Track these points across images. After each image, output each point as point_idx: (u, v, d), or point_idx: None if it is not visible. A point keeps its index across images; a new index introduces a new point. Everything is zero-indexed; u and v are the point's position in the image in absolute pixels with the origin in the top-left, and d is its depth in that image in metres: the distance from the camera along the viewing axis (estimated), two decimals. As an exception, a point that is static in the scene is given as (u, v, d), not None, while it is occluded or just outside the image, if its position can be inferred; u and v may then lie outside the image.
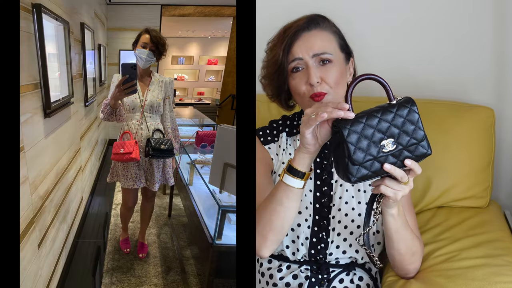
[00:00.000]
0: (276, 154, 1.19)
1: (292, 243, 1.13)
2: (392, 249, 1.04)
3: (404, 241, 1.02)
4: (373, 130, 0.84)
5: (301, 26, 1.04)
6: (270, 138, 1.20)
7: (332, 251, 1.12)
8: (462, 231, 1.25)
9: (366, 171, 0.85)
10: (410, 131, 0.84)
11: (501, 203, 1.50)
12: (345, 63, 1.08)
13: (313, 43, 1.03)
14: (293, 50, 1.03)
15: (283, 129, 1.21)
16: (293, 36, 1.03)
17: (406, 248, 1.04)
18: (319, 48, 1.02)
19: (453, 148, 1.37)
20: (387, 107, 0.85)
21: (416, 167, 0.86)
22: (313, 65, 1.02)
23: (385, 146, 0.84)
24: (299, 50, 1.03)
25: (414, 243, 1.05)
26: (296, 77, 1.05)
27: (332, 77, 1.02)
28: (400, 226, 0.99)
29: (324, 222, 1.12)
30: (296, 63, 1.03)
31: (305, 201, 1.13)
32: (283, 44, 1.04)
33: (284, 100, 1.14)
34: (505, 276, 1.00)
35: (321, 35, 1.04)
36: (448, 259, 1.11)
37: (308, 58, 1.02)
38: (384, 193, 0.88)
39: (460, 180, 1.37)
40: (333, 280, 1.14)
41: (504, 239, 1.19)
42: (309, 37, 1.03)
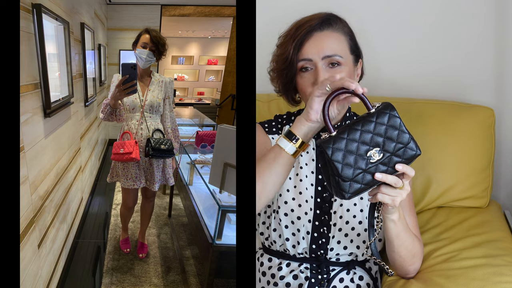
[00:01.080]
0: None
1: (293, 236, 1.14)
2: (393, 252, 1.04)
3: (405, 244, 1.02)
4: (356, 144, 0.84)
5: (313, 26, 1.03)
6: (274, 130, 1.21)
7: (333, 246, 1.13)
8: (462, 231, 1.25)
9: (359, 185, 0.85)
10: (394, 137, 0.84)
11: (501, 203, 1.50)
12: (353, 65, 1.08)
13: (324, 45, 1.02)
14: (303, 50, 1.03)
15: (287, 123, 1.21)
16: (305, 35, 1.03)
17: (406, 251, 1.04)
18: (330, 50, 1.02)
19: (453, 148, 1.37)
20: (367, 117, 0.85)
21: (408, 170, 0.85)
22: (322, 67, 1.02)
23: (372, 157, 0.84)
24: (310, 50, 1.02)
25: (414, 245, 1.05)
26: (304, 76, 1.05)
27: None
28: (401, 231, 1.00)
29: (325, 217, 1.13)
30: (306, 63, 1.03)
31: (305, 195, 1.14)
32: (294, 42, 1.03)
33: (291, 96, 1.15)
34: (505, 276, 1.00)
35: (333, 36, 1.04)
36: (448, 259, 1.11)
37: (318, 60, 1.02)
38: (382, 201, 0.88)
39: (460, 180, 1.38)
40: (333, 280, 1.14)
41: (504, 239, 1.19)
42: (321, 38, 1.03)
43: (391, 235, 1.00)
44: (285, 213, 1.14)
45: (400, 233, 1.00)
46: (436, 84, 1.56)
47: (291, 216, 1.13)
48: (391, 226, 0.98)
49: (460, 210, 1.37)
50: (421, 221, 1.33)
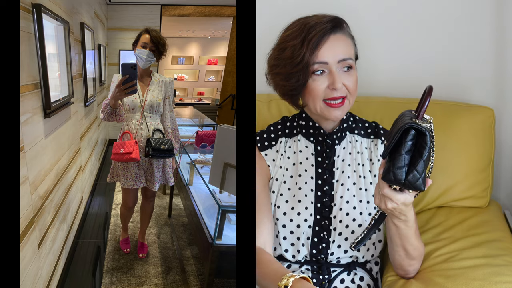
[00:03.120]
0: (273, 159, 1.18)
1: (292, 246, 1.14)
2: (394, 251, 1.05)
3: (411, 244, 1.03)
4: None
5: (327, 29, 1.02)
6: (267, 144, 1.19)
7: (333, 250, 1.12)
8: (462, 231, 1.25)
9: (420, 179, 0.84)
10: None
11: (501, 203, 1.50)
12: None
13: (339, 48, 1.03)
14: (319, 53, 1.02)
15: (282, 133, 1.20)
16: (321, 38, 1.01)
17: (411, 249, 1.04)
18: (344, 53, 1.02)
19: (453, 148, 1.37)
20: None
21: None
22: (337, 70, 1.02)
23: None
24: (326, 54, 1.02)
25: (418, 245, 1.05)
26: (317, 79, 1.03)
27: (353, 83, 1.04)
28: (414, 232, 1.01)
29: (326, 221, 1.13)
30: (321, 66, 1.02)
31: (305, 201, 1.13)
32: (309, 45, 1.01)
33: (296, 99, 1.13)
34: (505, 276, 1.00)
35: (345, 39, 1.05)
36: (448, 259, 1.11)
37: (334, 63, 1.02)
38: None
39: (460, 180, 1.38)
40: (334, 280, 1.14)
41: (504, 239, 1.19)
42: (336, 41, 1.03)
43: (399, 234, 1.00)
44: (283, 224, 1.13)
45: (408, 232, 1.00)
46: (436, 84, 1.54)
47: (290, 227, 1.13)
48: (402, 227, 0.99)
49: (460, 210, 1.37)
50: (421, 221, 1.33)
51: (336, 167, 1.16)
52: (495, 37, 1.50)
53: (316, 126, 1.15)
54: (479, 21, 1.50)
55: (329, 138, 1.14)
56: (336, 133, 1.15)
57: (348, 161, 1.16)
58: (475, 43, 1.52)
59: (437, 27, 1.53)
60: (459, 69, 1.54)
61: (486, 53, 1.52)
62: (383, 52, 1.57)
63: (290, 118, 1.22)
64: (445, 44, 1.54)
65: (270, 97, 1.54)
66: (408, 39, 1.57)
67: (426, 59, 1.56)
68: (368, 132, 1.20)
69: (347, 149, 1.17)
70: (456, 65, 1.55)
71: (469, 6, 1.50)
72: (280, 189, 1.16)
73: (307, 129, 1.17)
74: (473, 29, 1.51)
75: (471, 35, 1.52)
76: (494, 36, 1.50)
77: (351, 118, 1.19)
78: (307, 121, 1.16)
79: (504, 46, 1.50)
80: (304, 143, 1.18)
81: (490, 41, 1.51)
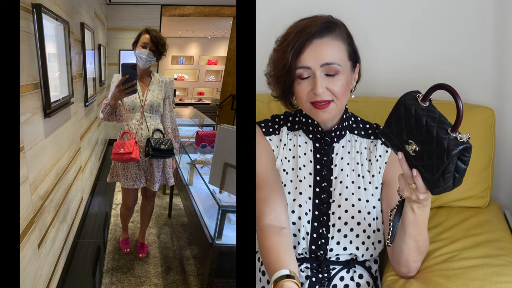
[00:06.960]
0: (277, 146, 1.20)
1: (294, 237, 1.14)
2: (404, 244, 1.04)
3: (421, 235, 1.02)
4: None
5: (313, 33, 1.02)
6: (271, 130, 1.21)
7: (332, 247, 1.13)
8: (462, 231, 1.25)
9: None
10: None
11: (501, 203, 1.50)
12: (351, 71, 1.08)
13: (324, 53, 1.02)
14: (302, 57, 1.03)
15: (284, 123, 1.22)
16: (304, 42, 1.02)
17: (422, 243, 1.04)
18: (329, 58, 1.02)
19: (453, 148, 1.37)
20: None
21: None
22: (320, 75, 1.02)
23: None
24: (308, 58, 1.02)
25: (427, 238, 1.05)
26: (301, 83, 1.05)
27: (338, 88, 1.03)
28: (427, 222, 1.01)
29: (324, 218, 1.13)
30: (304, 71, 1.03)
31: (305, 195, 1.14)
32: (293, 49, 1.03)
33: (289, 101, 1.15)
34: (505, 276, 1.00)
35: (332, 44, 1.04)
36: (448, 259, 1.11)
37: (317, 68, 1.02)
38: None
39: (460, 180, 1.37)
40: (334, 278, 1.14)
41: (504, 239, 1.19)
42: (320, 46, 1.03)
43: (415, 222, 0.99)
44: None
45: (424, 221, 0.99)
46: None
47: (292, 218, 1.13)
48: (419, 213, 0.97)
49: (460, 210, 1.37)
50: (421, 221, 1.33)
51: (335, 165, 1.17)
52: (495, 37, 1.50)
53: (314, 123, 1.17)
54: (479, 21, 1.50)
55: (327, 135, 1.16)
56: (335, 131, 1.16)
57: (346, 160, 1.17)
58: (475, 43, 1.52)
59: (437, 27, 1.53)
60: (459, 69, 1.54)
61: (486, 54, 1.52)
62: (383, 53, 1.57)
63: (292, 113, 1.23)
64: (445, 44, 1.54)
65: (270, 97, 1.53)
66: (407, 40, 1.57)
67: (426, 59, 1.56)
68: (368, 132, 1.20)
69: (346, 148, 1.18)
70: (456, 65, 1.55)
71: (469, 5, 1.50)
72: (283, 180, 1.17)
73: (306, 126, 1.19)
74: (473, 29, 1.51)
75: (471, 35, 1.52)
76: (494, 36, 1.50)
77: (352, 118, 1.20)
78: (307, 118, 1.19)
79: (504, 46, 1.50)
80: (304, 139, 1.20)
81: (490, 41, 1.51)
